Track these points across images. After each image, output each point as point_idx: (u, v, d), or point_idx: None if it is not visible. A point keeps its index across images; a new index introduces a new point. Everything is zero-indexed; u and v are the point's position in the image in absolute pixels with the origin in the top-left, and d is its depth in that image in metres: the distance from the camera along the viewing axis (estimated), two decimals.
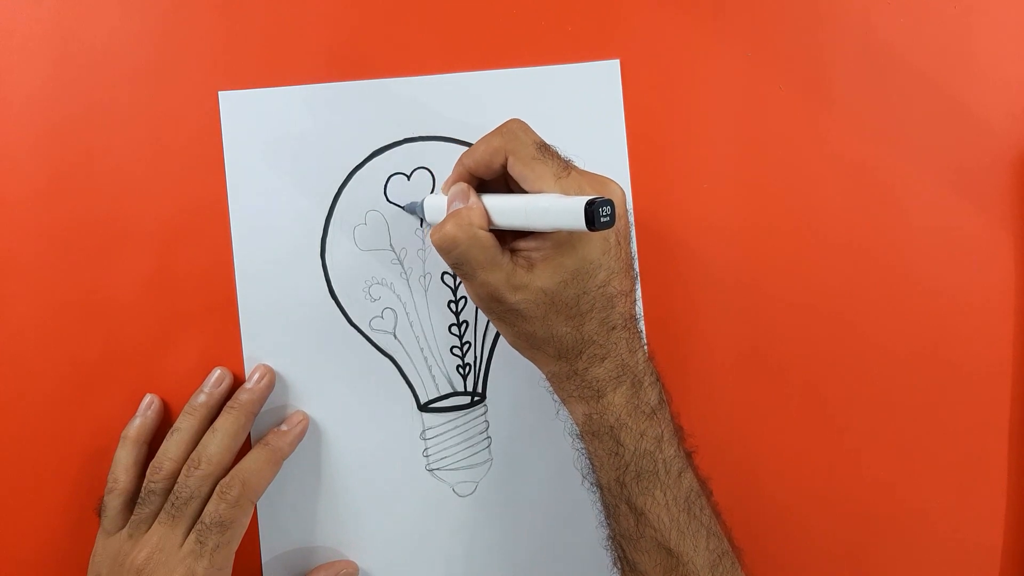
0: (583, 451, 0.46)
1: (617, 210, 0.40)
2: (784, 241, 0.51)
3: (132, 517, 0.45)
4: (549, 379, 0.45)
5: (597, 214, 0.37)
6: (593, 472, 0.46)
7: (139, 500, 0.45)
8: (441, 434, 0.50)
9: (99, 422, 0.48)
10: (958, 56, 0.52)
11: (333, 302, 0.49)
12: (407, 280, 0.50)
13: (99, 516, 0.46)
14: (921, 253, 0.52)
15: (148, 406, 0.47)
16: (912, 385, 0.52)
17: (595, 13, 0.50)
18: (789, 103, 0.51)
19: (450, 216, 0.42)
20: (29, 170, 0.48)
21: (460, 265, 0.42)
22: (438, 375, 0.50)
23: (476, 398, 0.51)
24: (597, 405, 0.43)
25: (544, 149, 0.42)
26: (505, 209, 0.42)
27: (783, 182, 0.51)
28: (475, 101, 0.50)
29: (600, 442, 0.44)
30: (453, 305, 0.50)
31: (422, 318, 0.50)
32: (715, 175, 0.51)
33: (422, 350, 0.50)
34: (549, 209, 0.39)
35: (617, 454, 0.43)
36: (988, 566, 0.53)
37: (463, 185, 0.43)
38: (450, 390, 0.50)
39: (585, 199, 0.37)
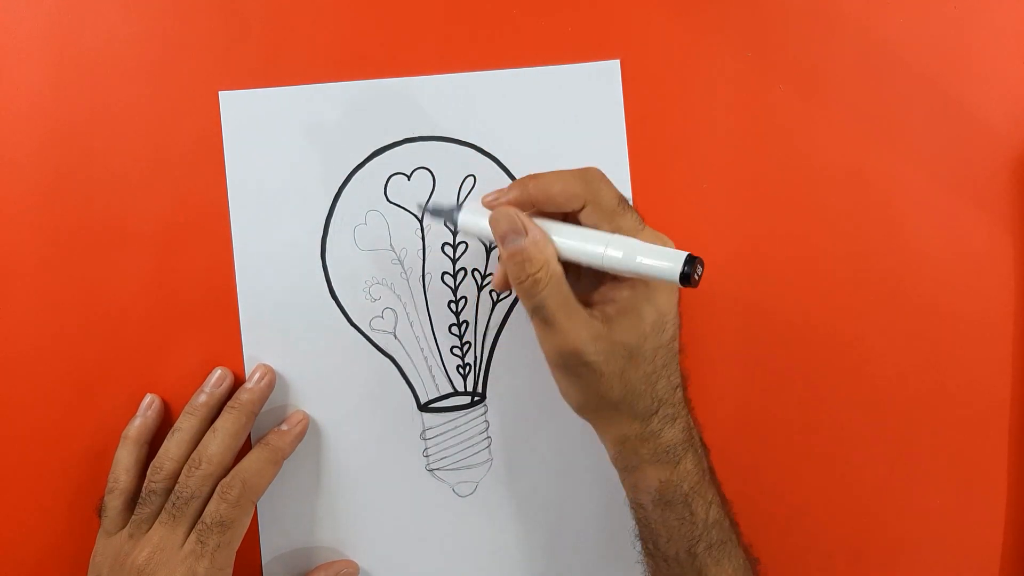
0: (645, 521, 0.43)
1: None
2: (784, 240, 0.51)
3: (133, 517, 0.45)
4: (619, 445, 0.42)
5: (694, 271, 0.36)
6: (653, 542, 0.43)
7: (140, 500, 0.45)
8: (441, 434, 0.50)
9: (99, 422, 0.48)
10: (958, 56, 0.52)
11: (333, 302, 0.49)
12: (407, 280, 0.50)
13: (99, 516, 0.46)
14: (921, 253, 0.52)
15: (148, 406, 0.48)
16: (912, 385, 0.52)
17: (595, 13, 0.50)
18: (789, 103, 0.51)
19: (524, 255, 0.39)
20: (29, 170, 0.48)
21: (541, 308, 0.39)
22: (438, 375, 0.50)
23: (476, 398, 0.51)
24: (675, 472, 0.41)
25: (624, 203, 0.40)
26: (575, 244, 0.39)
27: (783, 181, 0.51)
28: (475, 101, 0.50)
29: (672, 511, 0.42)
30: (453, 305, 0.50)
31: (422, 318, 0.50)
32: (715, 175, 0.51)
33: (422, 350, 0.50)
34: (644, 252, 0.38)
35: (691, 523, 0.42)
36: (988, 566, 0.53)
37: (519, 214, 0.40)
38: (450, 390, 0.50)
39: (686, 253, 0.36)
